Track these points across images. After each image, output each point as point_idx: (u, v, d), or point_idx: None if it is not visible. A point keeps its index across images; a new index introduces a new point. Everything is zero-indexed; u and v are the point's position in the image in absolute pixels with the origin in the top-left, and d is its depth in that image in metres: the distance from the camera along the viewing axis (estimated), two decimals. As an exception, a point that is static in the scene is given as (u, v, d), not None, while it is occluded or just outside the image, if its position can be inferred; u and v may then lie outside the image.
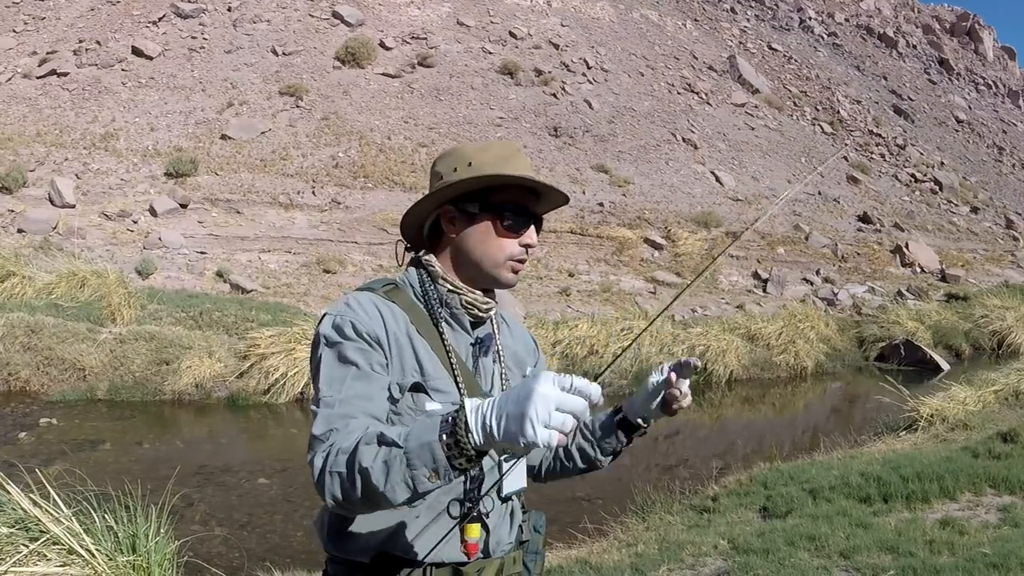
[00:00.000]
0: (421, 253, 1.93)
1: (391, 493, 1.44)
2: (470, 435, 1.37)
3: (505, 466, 1.82)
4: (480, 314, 1.89)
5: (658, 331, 13.77)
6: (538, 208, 1.92)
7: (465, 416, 1.38)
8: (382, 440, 1.45)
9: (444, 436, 1.38)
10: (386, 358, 1.74)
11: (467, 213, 1.85)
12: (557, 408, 1.31)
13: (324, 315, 1.82)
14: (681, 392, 1.93)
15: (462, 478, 1.74)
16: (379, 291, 1.86)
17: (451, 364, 1.81)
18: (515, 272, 1.87)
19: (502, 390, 1.88)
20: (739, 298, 18.74)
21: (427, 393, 1.75)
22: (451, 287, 1.86)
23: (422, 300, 1.87)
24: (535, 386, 1.32)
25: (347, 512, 1.65)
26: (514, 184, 1.84)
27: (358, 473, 1.46)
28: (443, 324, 1.85)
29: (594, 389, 1.35)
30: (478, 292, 1.88)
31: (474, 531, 1.72)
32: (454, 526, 1.73)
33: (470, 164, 1.83)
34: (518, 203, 1.86)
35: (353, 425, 1.58)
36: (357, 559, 1.76)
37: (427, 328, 1.83)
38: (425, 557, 1.73)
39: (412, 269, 1.93)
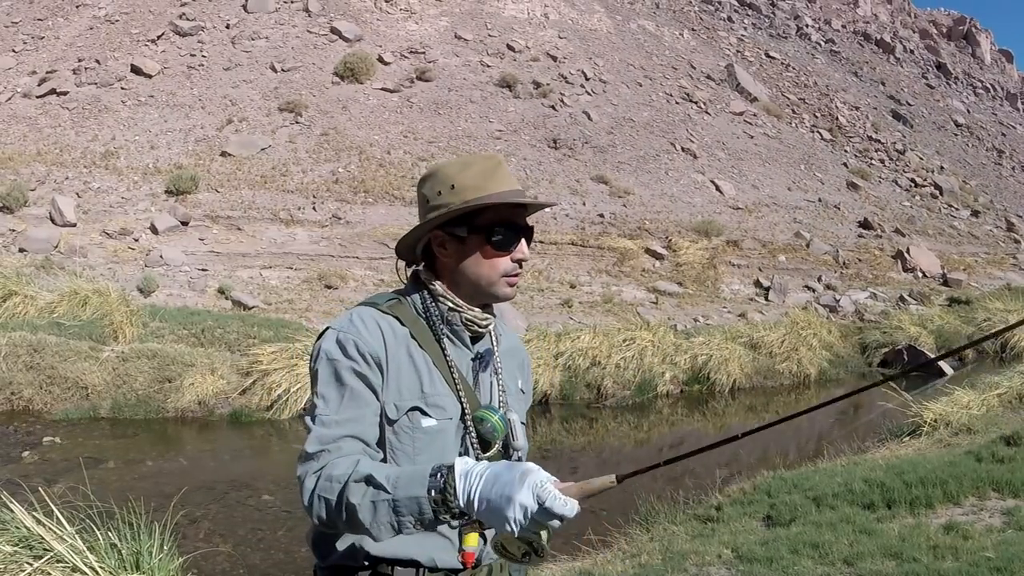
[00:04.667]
0: (421, 267, 1.97)
1: (375, 531, 1.58)
2: (456, 500, 1.51)
3: None
4: (479, 330, 1.93)
5: (660, 341, 13.77)
6: (526, 217, 1.95)
7: (454, 482, 1.51)
8: (371, 482, 1.57)
9: (433, 492, 1.52)
10: (383, 378, 1.80)
11: (456, 237, 1.88)
12: (534, 518, 1.45)
13: (327, 328, 1.86)
14: None
15: None
16: (382, 306, 1.89)
17: (453, 380, 1.85)
18: (511, 286, 1.91)
19: (499, 402, 1.92)
20: (741, 306, 18.74)
21: (423, 412, 1.81)
22: (452, 305, 1.89)
23: (423, 316, 1.90)
24: (516, 494, 1.44)
25: (332, 531, 1.75)
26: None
27: (345, 507, 1.59)
28: (445, 340, 1.89)
29: (568, 509, 1.47)
30: (476, 309, 1.91)
31: (472, 540, 1.74)
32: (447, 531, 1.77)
33: (453, 187, 1.85)
34: (505, 220, 1.87)
35: (346, 449, 1.69)
36: (347, 563, 1.81)
37: (429, 343, 1.87)
38: (421, 561, 1.77)
39: (412, 286, 1.96)
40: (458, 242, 1.88)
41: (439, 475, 1.53)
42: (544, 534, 1.53)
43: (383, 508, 1.56)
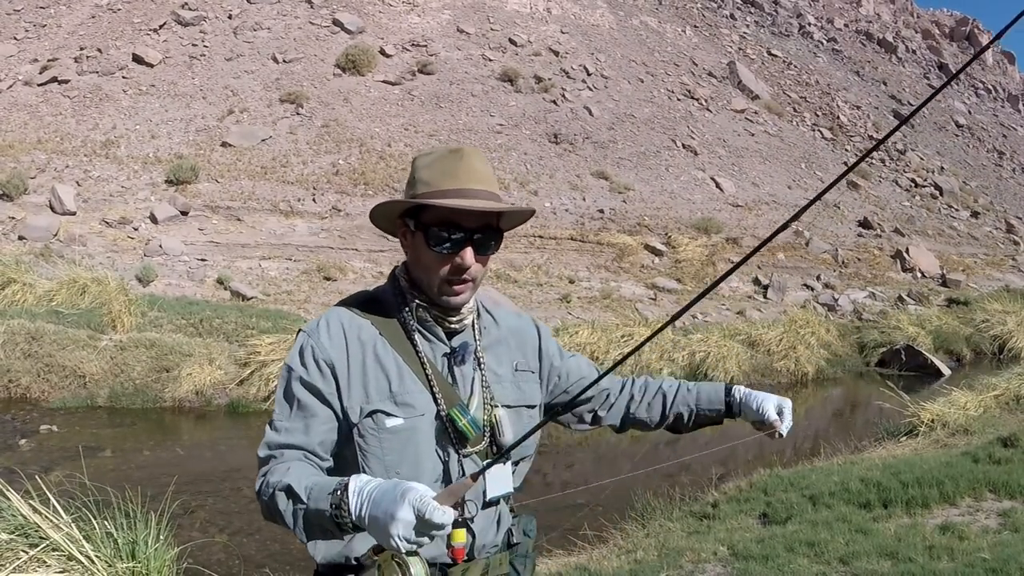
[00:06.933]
0: (400, 264, 1.95)
1: (300, 536, 1.64)
2: (350, 516, 1.52)
3: (488, 473, 1.79)
4: (451, 326, 1.88)
5: (659, 337, 13.77)
6: (501, 223, 1.87)
7: (348, 499, 1.53)
8: (289, 492, 1.63)
9: (332, 508, 1.55)
10: (337, 385, 1.79)
11: (410, 229, 1.85)
12: (415, 531, 1.46)
13: (299, 331, 1.85)
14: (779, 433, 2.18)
15: (445, 482, 1.80)
16: (354, 308, 1.88)
17: (427, 376, 1.82)
18: (453, 294, 1.83)
19: (483, 398, 1.88)
20: (740, 304, 18.73)
21: (387, 413, 1.78)
22: (420, 302, 1.86)
23: (396, 313, 1.88)
24: (398, 511, 1.45)
25: None
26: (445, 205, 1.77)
27: (275, 512, 1.66)
28: (416, 336, 1.86)
29: (447, 517, 1.49)
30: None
31: (459, 536, 1.74)
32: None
33: (414, 178, 1.83)
34: (446, 221, 1.78)
35: (287, 456, 1.74)
36: (338, 560, 1.82)
37: (400, 341, 1.85)
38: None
39: (389, 282, 1.95)
40: (412, 235, 1.85)
41: (338, 491, 1.55)
42: (421, 568, 1.57)
43: (300, 517, 1.62)
